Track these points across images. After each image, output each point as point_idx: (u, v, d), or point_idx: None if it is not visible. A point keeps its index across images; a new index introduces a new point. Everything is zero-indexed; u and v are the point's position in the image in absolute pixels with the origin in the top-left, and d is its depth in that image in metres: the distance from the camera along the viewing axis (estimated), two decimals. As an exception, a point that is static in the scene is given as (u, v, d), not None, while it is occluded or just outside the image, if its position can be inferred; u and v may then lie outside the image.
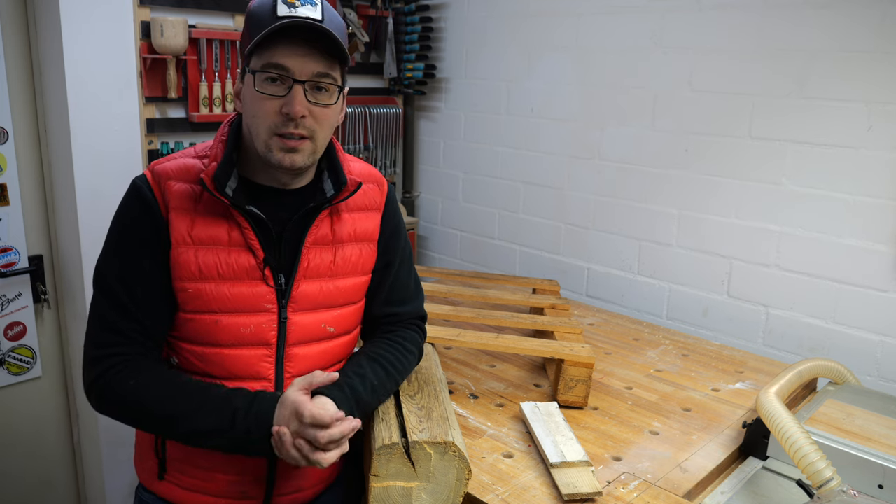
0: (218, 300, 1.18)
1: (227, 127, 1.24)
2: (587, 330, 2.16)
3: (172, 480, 1.28)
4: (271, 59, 1.13)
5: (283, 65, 1.12)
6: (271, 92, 1.14)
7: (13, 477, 2.17)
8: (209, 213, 1.18)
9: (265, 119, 1.15)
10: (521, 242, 2.77)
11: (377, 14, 2.78)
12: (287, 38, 1.12)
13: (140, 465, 1.34)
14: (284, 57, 1.12)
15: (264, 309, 1.21)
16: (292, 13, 1.11)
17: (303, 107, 1.13)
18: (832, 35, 1.89)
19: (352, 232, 1.29)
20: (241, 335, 1.19)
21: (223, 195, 1.16)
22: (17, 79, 2.01)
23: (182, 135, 2.27)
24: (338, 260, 1.27)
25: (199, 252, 1.17)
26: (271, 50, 1.12)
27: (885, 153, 1.84)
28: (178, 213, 1.17)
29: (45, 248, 2.14)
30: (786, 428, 1.30)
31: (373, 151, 2.89)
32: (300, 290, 1.23)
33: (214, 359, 1.20)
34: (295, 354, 1.24)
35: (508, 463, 1.40)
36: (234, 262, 1.18)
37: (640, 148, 2.34)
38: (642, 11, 2.27)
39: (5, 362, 2.07)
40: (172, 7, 2.15)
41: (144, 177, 1.20)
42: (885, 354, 1.90)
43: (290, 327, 1.23)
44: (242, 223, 1.18)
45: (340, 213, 1.28)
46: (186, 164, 1.21)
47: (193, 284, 1.17)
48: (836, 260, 1.96)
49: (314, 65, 1.14)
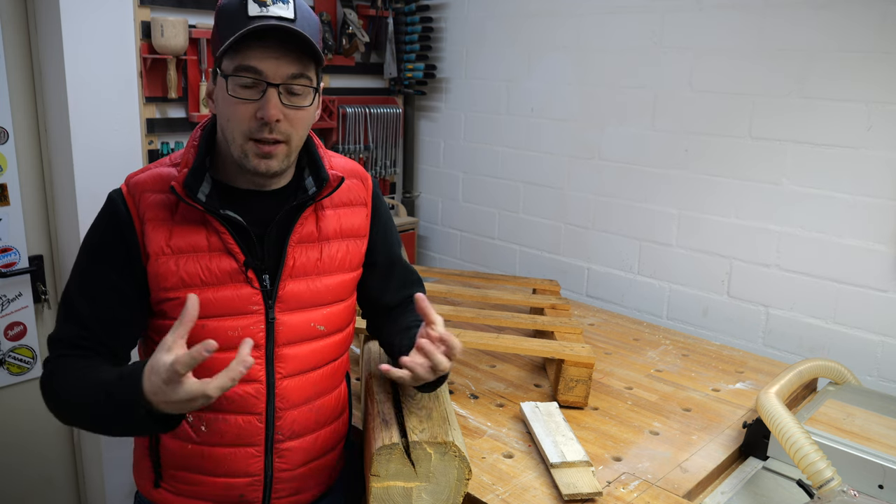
0: (203, 306, 1.15)
1: (199, 131, 1.22)
2: (587, 330, 2.16)
3: (169, 487, 1.27)
4: (243, 62, 1.10)
5: (255, 67, 1.09)
6: (245, 96, 1.11)
7: (13, 476, 2.17)
8: (186, 222, 1.17)
9: (239, 124, 1.12)
10: (521, 242, 2.77)
11: (377, 14, 2.78)
12: (259, 39, 1.09)
13: (137, 474, 1.33)
14: (257, 60, 1.09)
15: (250, 311, 1.20)
16: (263, 12, 1.08)
17: (277, 111, 1.11)
18: (832, 35, 1.89)
19: (337, 228, 1.28)
20: (228, 338, 1.17)
21: (196, 201, 1.15)
22: (17, 79, 2.01)
23: (182, 135, 2.27)
24: (324, 257, 1.26)
25: (179, 261, 1.16)
26: (243, 52, 1.09)
27: (885, 153, 1.84)
28: (155, 225, 1.16)
29: (45, 248, 2.15)
30: (786, 428, 1.30)
31: (373, 151, 2.89)
32: (287, 289, 1.22)
33: (204, 363, 1.18)
34: (285, 355, 1.23)
35: (508, 463, 1.40)
36: (216, 268, 1.18)
37: (640, 148, 2.34)
38: (642, 11, 2.27)
39: (5, 362, 2.07)
40: (172, 7, 2.15)
41: (120, 191, 1.19)
42: (885, 354, 1.90)
43: (279, 327, 1.22)
44: (219, 228, 1.17)
45: (325, 209, 1.27)
46: (161, 173, 1.20)
47: (177, 293, 1.16)
48: (836, 260, 1.96)
49: (288, 67, 1.11)
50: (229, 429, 1.22)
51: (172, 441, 1.24)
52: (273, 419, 1.23)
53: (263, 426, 1.23)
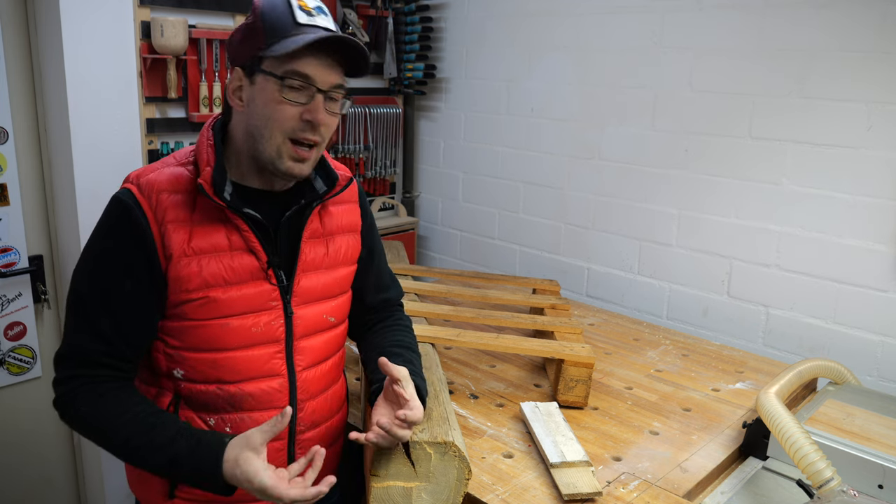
0: (227, 305, 1.18)
1: (210, 131, 1.22)
2: (587, 330, 2.16)
3: (184, 496, 1.24)
4: (297, 68, 1.13)
5: (308, 74, 1.13)
6: (294, 98, 1.14)
7: (13, 476, 2.17)
8: (206, 221, 1.17)
9: (282, 123, 1.15)
10: (521, 242, 2.77)
11: (377, 14, 2.78)
12: (313, 48, 1.13)
13: (141, 487, 1.30)
14: (312, 67, 1.13)
15: (270, 307, 1.22)
16: (311, 21, 1.14)
17: (325, 115, 1.16)
18: (832, 35, 1.89)
19: (339, 224, 1.33)
20: (250, 335, 1.20)
21: (222, 200, 1.15)
22: (17, 79, 2.01)
23: (182, 135, 2.27)
24: (330, 252, 1.31)
25: (202, 261, 1.16)
26: (298, 59, 1.13)
27: (885, 153, 1.84)
28: (176, 226, 1.15)
29: (45, 248, 2.14)
30: (786, 428, 1.30)
31: (373, 151, 2.89)
32: (301, 284, 1.25)
33: (226, 363, 1.20)
34: (303, 347, 1.26)
35: (508, 463, 1.40)
36: (238, 266, 1.19)
37: (640, 148, 2.34)
38: (642, 11, 2.27)
39: (5, 362, 2.07)
40: (172, 7, 2.15)
41: (130, 192, 1.15)
42: (885, 354, 1.90)
43: (297, 321, 1.25)
44: (242, 226, 1.18)
45: (327, 206, 1.32)
46: (174, 173, 1.19)
47: (200, 293, 1.17)
48: (836, 260, 1.96)
49: (335, 77, 1.17)
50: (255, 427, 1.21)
51: None
52: (295, 411, 1.26)
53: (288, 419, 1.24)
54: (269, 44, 1.13)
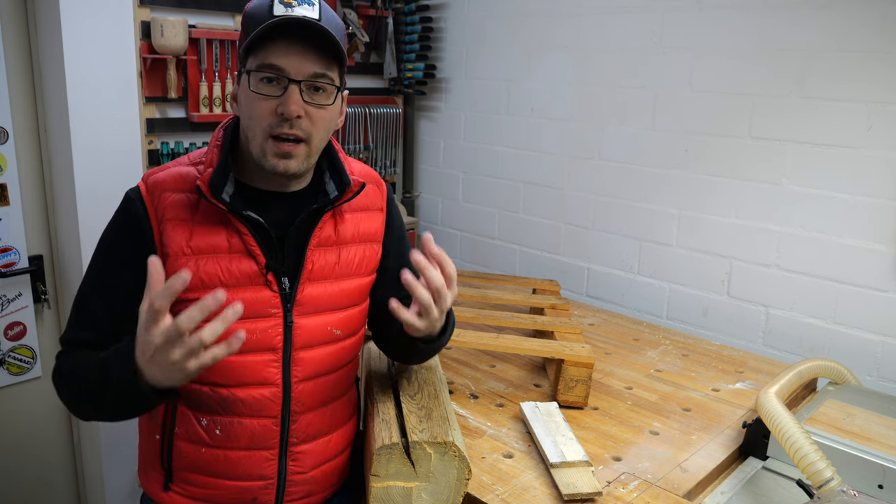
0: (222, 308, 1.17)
1: (221, 131, 1.23)
2: (587, 330, 2.16)
3: (179, 490, 1.26)
4: (266, 59, 1.11)
5: (278, 65, 1.11)
6: (266, 92, 1.12)
7: (13, 477, 2.17)
8: (207, 222, 1.17)
9: (260, 120, 1.13)
10: (521, 242, 2.77)
11: (377, 14, 2.78)
12: (283, 36, 1.10)
13: (144, 477, 1.32)
14: (279, 56, 1.10)
15: (269, 314, 1.19)
16: (288, 13, 1.10)
17: (298, 106, 1.11)
18: (832, 35, 1.89)
19: (355, 232, 1.28)
20: (246, 341, 1.16)
21: (220, 201, 1.15)
22: (17, 79, 2.01)
23: (182, 135, 2.27)
24: (342, 261, 1.26)
25: (199, 261, 1.16)
26: (267, 49, 1.11)
27: (885, 153, 1.84)
28: (175, 225, 1.16)
29: (45, 248, 2.15)
30: (786, 428, 1.30)
31: (373, 151, 2.89)
32: (305, 293, 1.22)
33: (219, 366, 1.17)
34: (301, 358, 1.23)
35: (508, 463, 1.40)
36: (237, 269, 1.17)
37: (640, 148, 2.34)
38: (642, 11, 2.27)
39: (5, 362, 2.07)
40: (172, 7, 2.15)
41: (138, 189, 1.18)
42: (885, 354, 1.90)
43: (297, 331, 1.21)
44: (241, 229, 1.17)
45: (343, 213, 1.27)
46: (181, 172, 1.19)
47: (195, 294, 1.15)
48: (836, 260, 1.96)
49: (310, 65, 1.12)
50: (244, 432, 1.21)
51: (186, 444, 1.23)
52: (288, 422, 1.23)
53: (279, 430, 1.23)
54: (247, 40, 1.12)
